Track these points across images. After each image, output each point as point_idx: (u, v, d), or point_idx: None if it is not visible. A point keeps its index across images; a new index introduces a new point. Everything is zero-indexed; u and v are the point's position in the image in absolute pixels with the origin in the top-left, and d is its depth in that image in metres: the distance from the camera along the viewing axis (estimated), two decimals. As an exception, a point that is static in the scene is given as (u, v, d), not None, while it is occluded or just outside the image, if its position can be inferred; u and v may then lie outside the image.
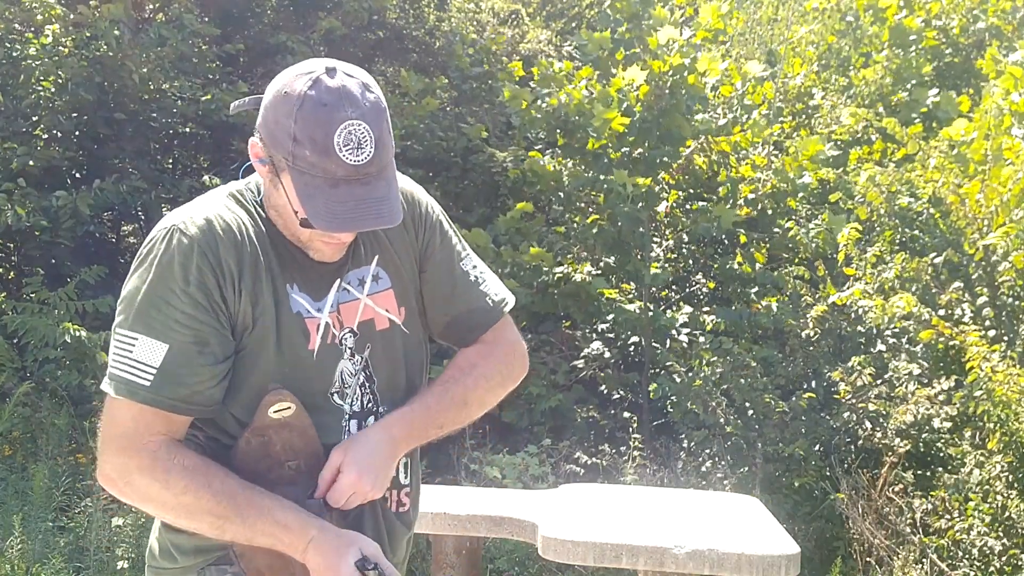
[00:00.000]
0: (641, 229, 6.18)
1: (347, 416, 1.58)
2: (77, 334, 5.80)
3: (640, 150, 6.26)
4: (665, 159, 6.25)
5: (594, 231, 6.27)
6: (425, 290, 1.68)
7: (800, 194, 6.45)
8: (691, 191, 6.93)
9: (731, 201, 6.50)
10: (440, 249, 1.68)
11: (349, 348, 1.59)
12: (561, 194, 6.57)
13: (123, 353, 1.44)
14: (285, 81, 1.41)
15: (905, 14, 7.22)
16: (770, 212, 6.51)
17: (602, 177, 6.17)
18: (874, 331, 5.46)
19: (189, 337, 1.43)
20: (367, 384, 1.60)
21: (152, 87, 7.32)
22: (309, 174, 1.38)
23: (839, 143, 6.80)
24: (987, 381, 4.20)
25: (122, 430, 1.44)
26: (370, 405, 1.61)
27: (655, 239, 6.68)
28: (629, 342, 6.34)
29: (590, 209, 6.63)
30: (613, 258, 6.48)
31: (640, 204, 6.07)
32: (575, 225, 6.73)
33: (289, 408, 1.49)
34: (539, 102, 6.53)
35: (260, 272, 1.49)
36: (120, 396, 1.43)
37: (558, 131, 6.54)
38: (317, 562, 1.46)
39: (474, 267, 1.72)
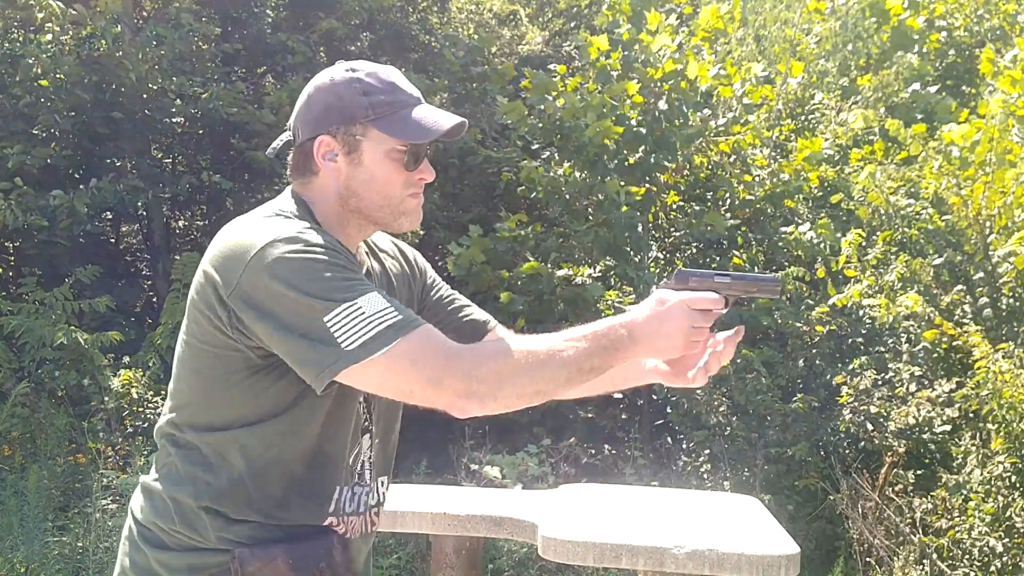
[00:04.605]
0: (639, 230, 6.15)
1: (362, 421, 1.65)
2: (73, 335, 5.78)
3: (638, 154, 6.24)
4: (662, 163, 6.24)
5: (591, 237, 6.26)
6: (438, 307, 1.84)
7: (798, 195, 6.43)
8: (690, 193, 6.91)
9: (727, 204, 6.47)
10: (434, 277, 1.88)
11: None
12: (558, 196, 6.56)
13: (360, 318, 1.41)
14: (322, 80, 1.59)
15: (909, 15, 7.20)
16: (769, 212, 6.49)
17: (600, 180, 6.15)
18: (875, 332, 5.45)
19: (372, 286, 1.47)
20: (364, 402, 1.65)
21: (151, 86, 7.29)
22: (390, 112, 1.56)
23: (841, 145, 6.78)
24: (994, 381, 4.19)
25: (429, 352, 1.43)
26: (366, 423, 1.66)
27: (653, 240, 6.66)
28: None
29: (589, 210, 6.61)
30: (611, 260, 6.46)
31: (629, 208, 6.05)
32: (574, 230, 6.72)
33: None
34: (534, 109, 6.52)
35: None
36: (401, 336, 1.41)
37: (556, 136, 6.52)
38: (654, 325, 1.51)
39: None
